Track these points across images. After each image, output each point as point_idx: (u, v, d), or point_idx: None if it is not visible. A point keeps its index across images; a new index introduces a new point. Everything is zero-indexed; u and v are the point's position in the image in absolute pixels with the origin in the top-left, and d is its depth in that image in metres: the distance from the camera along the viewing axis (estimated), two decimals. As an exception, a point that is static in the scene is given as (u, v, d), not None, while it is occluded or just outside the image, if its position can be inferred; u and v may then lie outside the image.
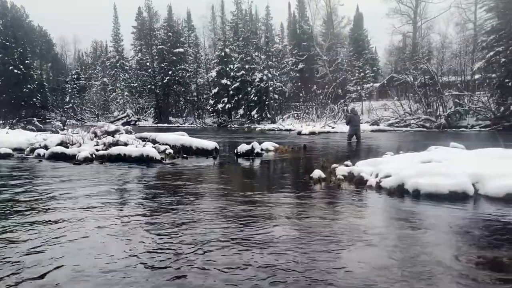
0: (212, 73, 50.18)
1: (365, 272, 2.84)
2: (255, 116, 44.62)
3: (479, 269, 2.89)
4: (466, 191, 5.37)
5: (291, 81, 49.70)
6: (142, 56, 59.85)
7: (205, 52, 61.51)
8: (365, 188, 6.17)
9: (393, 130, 28.69)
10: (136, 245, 3.48)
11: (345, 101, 39.97)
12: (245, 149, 11.38)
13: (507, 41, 27.06)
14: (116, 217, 4.43)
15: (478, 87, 33.01)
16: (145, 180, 7.36)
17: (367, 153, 11.71)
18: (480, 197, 5.35)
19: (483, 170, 5.79)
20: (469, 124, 28.57)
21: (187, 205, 5.03)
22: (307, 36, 52.24)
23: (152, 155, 10.12)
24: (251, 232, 3.84)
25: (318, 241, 3.55)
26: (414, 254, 3.23)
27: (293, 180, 7.40)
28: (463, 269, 2.90)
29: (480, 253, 3.25)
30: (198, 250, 3.32)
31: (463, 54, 36.73)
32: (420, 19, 47.54)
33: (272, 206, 4.99)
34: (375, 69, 55.08)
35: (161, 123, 51.43)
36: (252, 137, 20.95)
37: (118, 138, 12.28)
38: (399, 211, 4.89)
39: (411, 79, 33.29)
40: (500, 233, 3.81)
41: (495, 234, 3.80)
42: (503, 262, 3.04)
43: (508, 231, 3.87)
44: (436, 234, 3.79)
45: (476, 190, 5.47)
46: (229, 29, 51.78)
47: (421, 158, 6.96)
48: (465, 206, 4.96)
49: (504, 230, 3.90)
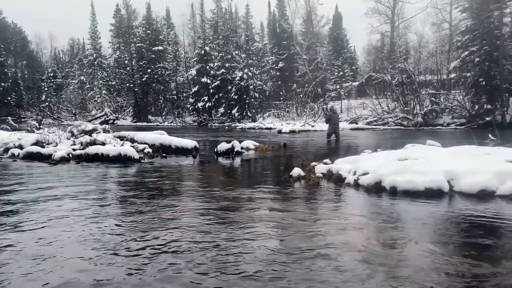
0: (192, 72, 49.82)
1: (345, 266, 2.87)
2: (236, 114, 44.55)
3: (451, 262, 2.96)
4: (442, 188, 5.49)
5: (272, 79, 49.79)
6: (121, 54, 58.98)
7: (185, 50, 61.01)
8: (344, 186, 6.25)
9: (371, 128, 29.09)
10: (110, 246, 3.43)
11: (325, 99, 40.30)
12: (225, 148, 11.35)
13: (481, 41, 27.76)
14: (91, 219, 4.36)
15: (454, 86, 33.78)
16: (123, 180, 7.26)
17: (346, 151, 11.84)
18: (455, 193, 5.48)
19: (457, 167, 5.93)
20: (445, 122, 29.22)
21: (166, 205, 4.99)
22: (287, 35, 52.41)
23: (130, 154, 9.98)
24: (230, 230, 3.84)
25: (297, 238, 3.58)
26: (389, 248, 3.29)
27: (273, 178, 7.43)
28: (435, 261, 2.96)
29: (452, 247, 3.33)
30: (176, 249, 3.30)
31: (439, 54, 37.49)
32: (397, 19, 48.30)
33: (251, 204, 5.00)
34: (354, 68, 55.68)
35: (140, 122, 50.78)
36: (233, 135, 20.92)
37: (96, 137, 12.08)
38: (376, 207, 4.97)
39: (389, 78, 33.83)
40: (471, 228, 3.91)
41: (467, 229, 3.90)
42: (473, 255, 3.11)
43: (479, 226, 3.98)
44: (411, 230, 3.87)
45: (451, 186, 5.59)
46: (208, 27, 51.49)
47: (398, 156, 7.08)
48: (440, 203, 5.07)
49: (475, 225, 4.01)
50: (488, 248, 3.33)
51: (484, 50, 27.42)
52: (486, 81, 27.49)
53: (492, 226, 4.01)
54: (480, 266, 2.91)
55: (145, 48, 52.30)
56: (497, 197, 5.21)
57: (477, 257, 3.08)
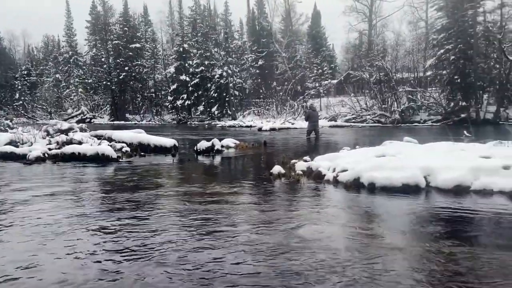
0: (170, 69, 49.29)
1: (321, 259, 2.89)
2: (216, 112, 44.34)
3: (426, 255, 3.02)
4: (418, 183, 5.59)
5: (251, 77, 49.74)
6: (97, 52, 57.89)
7: (163, 47, 60.32)
8: (323, 183, 6.29)
9: (350, 126, 29.40)
10: (84, 247, 3.37)
11: (304, 97, 40.52)
12: (205, 146, 11.28)
13: (456, 39, 28.39)
14: (66, 220, 4.27)
15: (430, 84, 34.44)
16: (100, 180, 7.14)
17: (326, 148, 11.93)
18: (431, 189, 5.58)
19: (434, 163, 6.04)
20: (422, 119, 29.77)
21: (144, 204, 4.93)
22: (266, 32, 52.44)
23: (108, 153, 9.82)
24: (209, 228, 3.82)
25: (277, 234, 3.58)
26: (367, 242, 3.32)
27: (253, 176, 7.42)
28: (412, 254, 3.01)
29: (428, 240, 3.39)
30: (154, 248, 3.26)
31: (416, 52, 38.17)
32: (375, 17, 49.00)
33: (231, 202, 4.98)
34: (332, 66, 56.10)
35: (118, 120, 49.96)
36: (213, 134, 20.84)
37: (72, 136, 11.85)
38: (355, 203, 5.02)
39: (367, 76, 34.24)
40: (447, 222, 3.99)
41: (442, 223, 3.98)
42: (447, 248, 3.18)
43: (454, 221, 4.06)
44: (388, 224, 3.92)
45: (428, 182, 5.70)
46: (187, 25, 51.03)
47: (376, 153, 7.17)
48: (417, 198, 5.17)
49: (450, 220, 4.09)
50: (462, 240, 3.40)
51: (459, 49, 28.06)
52: (461, 79, 28.14)
53: (466, 220, 4.10)
54: (454, 256, 2.97)
55: (122, 46, 51.49)
56: (471, 192, 5.34)
57: (451, 248, 3.14)
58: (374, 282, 2.60)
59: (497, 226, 3.94)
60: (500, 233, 3.67)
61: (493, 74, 28.94)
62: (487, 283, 2.57)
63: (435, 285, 2.55)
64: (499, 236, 3.58)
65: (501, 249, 3.19)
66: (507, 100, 28.58)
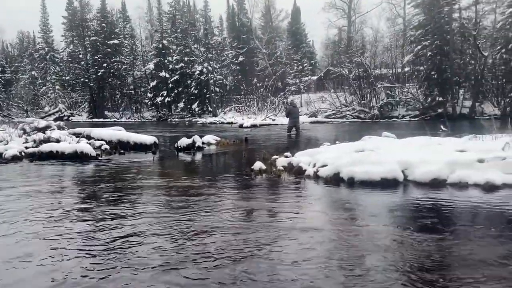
0: (149, 66, 48.74)
1: (305, 254, 2.93)
2: (196, 109, 44.12)
3: (404, 247, 3.09)
4: (396, 177, 5.70)
5: (232, 74, 49.65)
6: (74, 48, 56.81)
7: (142, 44, 59.61)
8: (304, 178, 6.36)
9: (330, 122, 29.67)
10: (64, 247, 3.33)
11: (285, 93, 40.70)
12: (186, 143, 11.22)
13: (433, 35, 28.93)
14: (43, 219, 4.20)
15: (408, 79, 35.04)
16: (79, 178, 7.04)
17: (306, 144, 12.02)
18: (409, 182, 5.70)
19: (411, 157, 6.17)
20: (400, 114, 30.30)
21: (124, 202, 4.89)
22: (246, 29, 52.40)
23: (86, 151, 9.68)
24: (190, 224, 3.82)
25: (258, 228, 3.61)
26: (347, 235, 3.38)
27: (234, 172, 7.43)
28: (391, 247, 3.08)
29: (405, 232, 3.47)
30: (132, 246, 3.25)
31: (394, 48, 38.76)
32: (354, 14, 49.52)
33: (212, 198, 4.99)
34: (312, 62, 56.47)
35: (97, 118, 49.20)
36: (194, 131, 20.73)
37: (50, 134, 11.62)
38: (335, 198, 5.10)
39: (346, 72, 34.60)
40: (423, 215, 4.09)
41: (419, 215, 4.08)
42: (425, 240, 3.26)
43: (431, 213, 4.16)
44: (368, 218, 4.00)
45: (406, 176, 5.82)
46: (166, 21, 50.49)
47: (355, 148, 7.27)
48: (396, 192, 5.27)
49: (428, 212, 4.19)
50: (438, 231, 3.49)
51: (436, 45, 28.61)
52: (437, 74, 28.73)
53: (442, 212, 4.21)
54: (429, 246, 3.05)
55: (100, 42, 50.67)
56: (448, 185, 5.47)
57: (426, 239, 3.23)
58: (349, 270, 2.65)
59: (471, 218, 4.06)
60: (474, 224, 3.78)
61: (468, 70, 29.66)
62: (460, 272, 2.65)
63: (409, 274, 2.61)
64: (473, 227, 3.69)
65: (475, 239, 3.29)
66: (482, 95, 29.33)
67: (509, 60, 26.13)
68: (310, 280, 2.57)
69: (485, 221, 3.87)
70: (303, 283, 2.53)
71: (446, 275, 2.61)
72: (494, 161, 5.68)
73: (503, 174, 5.42)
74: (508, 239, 3.28)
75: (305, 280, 2.58)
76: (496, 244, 3.19)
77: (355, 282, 2.53)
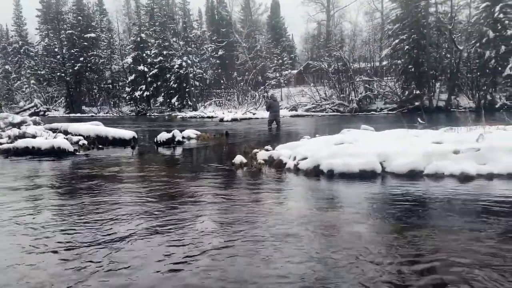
0: (127, 59, 48.00)
1: (285, 246, 2.96)
2: (176, 103, 43.71)
3: (383, 236, 3.16)
4: (375, 169, 5.80)
5: (212, 67, 49.35)
6: (50, 42, 55.34)
7: (120, 37, 58.61)
8: (284, 171, 6.40)
9: (310, 115, 29.87)
10: (40, 242, 3.28)
11: (265, 87, 40.72)
12: (166, 138, 11.14)
13: (410, 29, 29.37)
14: (19, 217, 4.12)
15: (386, 73, 35.53)
16: (56, 174, 6.91)
17: (287, 137, 12.08)
18: (387, 174, 5.80)
19: (389, 149, 6.27)
20: (378, 108, 30.73)
21: (102, 197, 4.83)
22: (226, 22, 52.12)
23: (64, 146, 9.50)
24: (171, 219, 3.80)
25: (238, 222, 3.62)
26: (326, 226, 3.43)
27: (215, 166, 7.42)
28: (370, 236, 3.14)
29: (381, 222, 3.55)
30: (112, 243, 3.22)
31: (372, 42, 39.20)
32: (333, 8, 49.78)
33: (192, 192, 4.97)
34: (292, 56, 56.60)
35: (74, 113, 48.20)
36: (173, 125, 20.57)
37: (25, 130, 11.37)
38: (314, 190, 5.16)
39: (325, 66, 34.84)
40: (399, 205, 4.18)
41: (397, 206, 4.16)
42: (403, 229, 3.34)
43: (407, 203, 4.25)
44: (347, 209, 4.06)
45: (384, 168, 5.91)
46: (144, 14, 49.73)
47: (334, 140, 7.33)
48: (374, 183, 5.36)
49: (405, 203, 4.28)
50: (414, 221, 3.57)
51: (413, 39, 29.07)
52: (414, 68, 29.21)
53: (419, 202, 4.31)
54: (405, 237, 3.12)
55: (76, 35, 49.59)
56: (424, 176, 5.59)
57: (403, 229, 3.30)
58: (323, 260, 2.70)
59: (447, 208, 4.16)
60: (449, 214, 3.88)
61: (444, 64, 30.25)
62: (435, 261, 2.72)
63: (383, 263, 2.67)
64: (448, 216, 3.78)
65: (449, 229, 3.38)
66: (457, 88, 29.96)
67: (483, 54, 26.74)
68: (284, 273, 2.60)
69: (460, 211, 3.98)
70: (278, 273, 2.56)
71: (420, 264, 2.68)
72: (469, 152, 5.83)
73: (477, 165, 5.57)
74: (481, 227, 3.38)
75: (279, 270, 2.61)
76: (469, 232, 3.28)
77: (331, 272, 2.57)
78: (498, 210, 3.89)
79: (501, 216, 3.67)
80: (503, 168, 5.42)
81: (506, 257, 2.73)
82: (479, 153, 5.77)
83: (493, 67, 26.54)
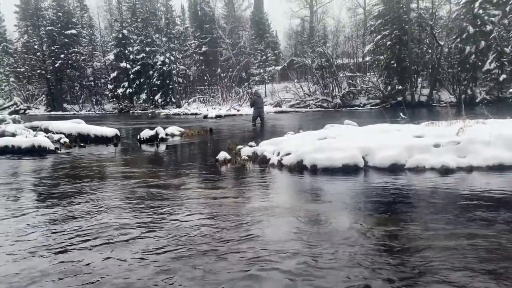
0: (109, 56, 47.32)
1: (272, 239, 2.96)
2: (159, 100, 43.28)
3: (365, 229, 3.19)
4: (357, 163, 5.85)
5: (195, 64, 48.99)
6: (29, 38, 54.21)
7: (101, 34, 57.72)
8: (268, 166, 6.41)
9: (294, 111, 29.96)
10: (22, 244, 3.23)
11: (249, 84, 40.66)
12: (149, 135, 11.04)
13: (392, 25, 29.67)
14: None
15: (369, 69, 35.82)
16: (36, 172, 6.79)
17: (271, 133, 12.10)
18: (370, 168, 5.86)
19: (371, 144, 6.34)
20: (361, 103, 30.98)
21: (83, 196, 4.77)
22: (209, 18, 51.76)
23: (45, 145, 9.35)
24: (155, 216, 3.77)
25: (223, 217, 3.62)
26: (311, 220, 3.45)
27: (199, 163, 7.39)
28: (353, 229, 3.17)
29: (364, 215, 3.59)
30: (96, 242, 3.19)
31: (355, 38, 39.46)
32: (316, 4, 49.90)
33: (176, 189, 4.95)
34: (276, 52, 56.52)
35: (55, 111, 47.36)
36: (157, 122, 20.41)
37: (5, 128, 11.14)
38: (298, 185, 5.19)
39: (309, 62, 34.95)
40: (382, 198, 4.23)
41: (378, 199, 4.21)
42: (385, 222, 3.38)
43: (389, 196, 4.31)
44: (330, 203, 4.09)
45: (366, 162, 5.97)
46: (126, 10, 49.03)
47: (318, 136, 7.37)
48: (357, 177, 5.41)
49: (387, 196, 4.34)
50: (396, 214, 3.62)
51: (395, 34, 29.38)
52: (397, 63, 29.55)
53: (400, 195, 4.36)
54: (388, 229, 3.17)
55: (56, 32, 48.66)
56: (406, 169, 5.67)
57: (385, 222, 3.35)
58: (303, 253, 2.72)
59: (428, 200, 4.23)
60: (430, 206, 3.94)
61: (426, 59, 30.65)
62: (416, 253, 2.76)
63: (365, 257, 2.70)
64: (429, 209, 3.85)
65: (430, 221, 3.43)
66: (439, 83, 30.40)
67: (464, 49, 27.15)
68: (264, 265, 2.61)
69: (440, 203, 4.05)
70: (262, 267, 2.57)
71: (402, 256, 2.72)
72: (449, 145, 5.93)
73: (457, 158, 5.68)
74: (460, 218, 3.45)
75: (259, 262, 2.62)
76: (449, 223, 3.34)
77: (310, 265, 2.59)
78: (476, 202, 3.97)
79: (479, 208, 3.74)
80: (482, 161, 5.53)
81: (478, 244, 2.78)
82: (459, 147, 5.88)
83: (473, 62, 26.97)
